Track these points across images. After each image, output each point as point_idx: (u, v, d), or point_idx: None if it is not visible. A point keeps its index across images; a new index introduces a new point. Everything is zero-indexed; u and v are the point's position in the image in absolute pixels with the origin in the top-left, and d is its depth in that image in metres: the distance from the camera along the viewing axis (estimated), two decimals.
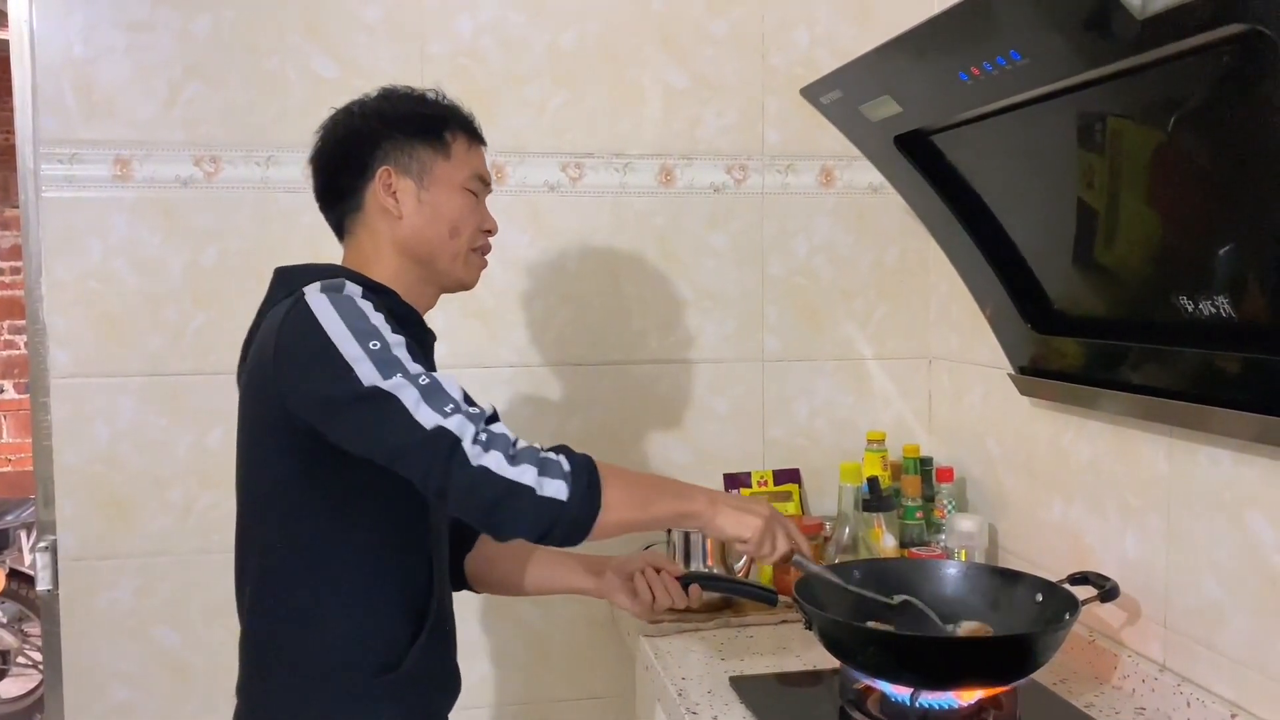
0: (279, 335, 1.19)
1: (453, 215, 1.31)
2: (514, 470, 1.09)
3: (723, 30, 2.01)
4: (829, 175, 2.06)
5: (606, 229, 2.00)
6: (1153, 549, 1.44)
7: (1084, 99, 1.20)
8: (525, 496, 1.09)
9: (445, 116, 1.34)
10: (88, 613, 1.85)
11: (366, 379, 1.11)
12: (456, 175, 1.32)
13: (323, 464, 1.20)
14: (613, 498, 1.15)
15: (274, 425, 1.21)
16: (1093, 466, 1.58)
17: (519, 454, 1.11)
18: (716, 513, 1.25)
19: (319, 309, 1.17)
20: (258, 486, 1.28)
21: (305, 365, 1.16)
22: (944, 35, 1.23)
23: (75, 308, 1.83)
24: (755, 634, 1.67)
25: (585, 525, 1.13)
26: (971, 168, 1.50)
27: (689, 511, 1.25)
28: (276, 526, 1.26)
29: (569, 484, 1.12)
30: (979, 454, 1.92)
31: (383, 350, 1.13)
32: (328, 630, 1.24)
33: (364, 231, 1.32)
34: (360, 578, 1.25)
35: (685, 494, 1.27)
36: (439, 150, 1.31)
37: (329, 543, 1.24)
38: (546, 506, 1.10)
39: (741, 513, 1.26)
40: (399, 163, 1.30)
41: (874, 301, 2.10)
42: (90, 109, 1.82)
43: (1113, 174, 1.26)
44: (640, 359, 2.03)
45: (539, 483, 1.10)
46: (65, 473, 1.84)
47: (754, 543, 1.26)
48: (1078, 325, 1.51)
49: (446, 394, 1.13)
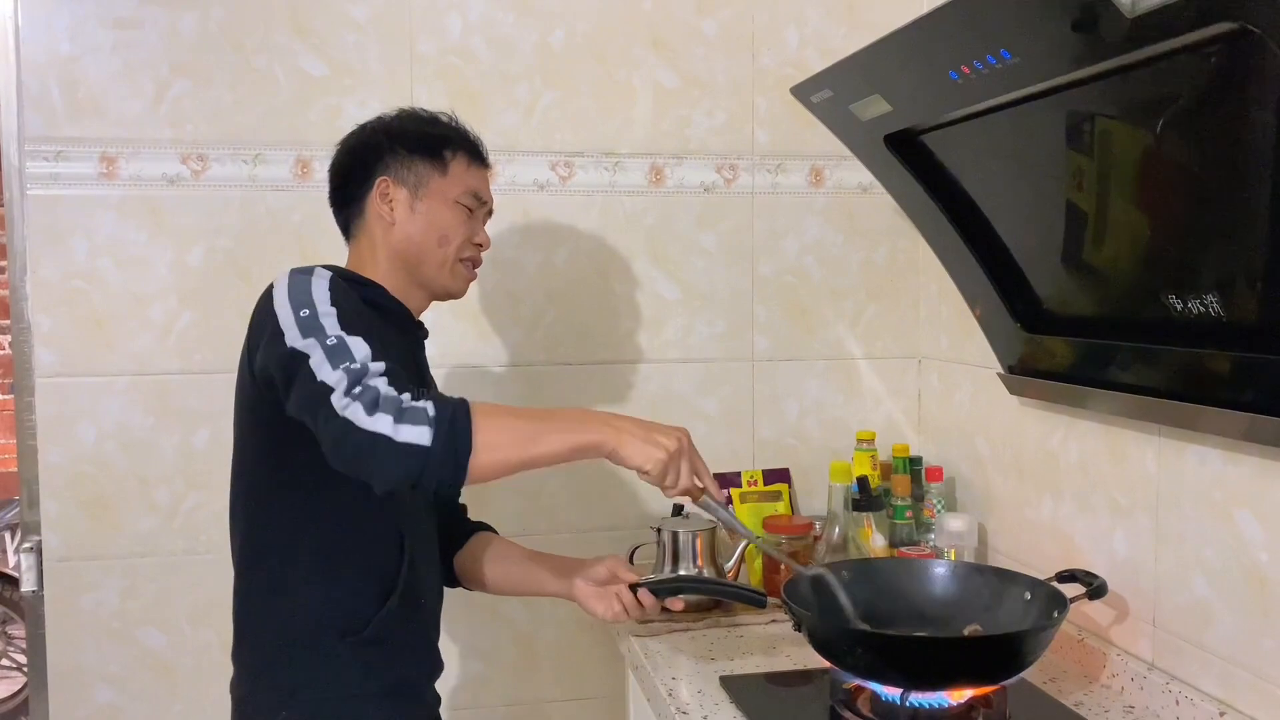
0: (253, 314, 1.30)
1: (442, 225, 1.41)
2: (370, 420, 1.10)
3: (713, 30, 2.01)
4: (819, 175, 2.06)
5: (596, 228, 2.00)
6: (1141, 548, 1.44)
7: (1074, 98, 1.20)
8: (384, 445, 1.09)
9: (448, 136, 1.44)
10: (73, 614, 1.84)
11: (290, 341, 1.19)
12: (451, 190, 1.42)
13: (285, 438, 1.27)
14: (489, 439, 1.13)
15: (246, 403, 1.34)
16: (1082, 466, 1.58)
17: (381, 403, 1.11)
18: (621, 442, 1.22)
19: (277, 286, 1.27)
20: (240, 460, 1.37)
21: (257, 337, 1.27)
22: (934, 34, 1.22)
23: (60, 306, 1.81)
24: (745, 634, 1.67)
25: (457, 468, 1.12)
26: (961, 167, 1.50)
27: (588, 443, 1.21)
28: (253, 501, 1.35)
29: (432, 428, 1.11)
30: (968, 453, 1.92)
31: (309, 318, 1.21)
32: (297, 597, 1.32)
33: (363, 235, 1.44)
34: (325, 548, 1.32)
35: (583, 424, 1.23)
36: (436, 166, 1.42)
37: (297, 515, 1.32)
38: (407, 452, 1.09)
39: (647, 444, 1.22)
40: (397, 174, 1.41)
41: (864, 301, 2.10)
42: (76, 106, 1.80)
43: (1102, 173, 1.27)
44: (629, 358, 2.03)
45: (395, 429, 1.10)
46: (50, 473, 1.82)
47: (655, 475, 1.23)
48: (1067, 324, 1.51)
49: (349, 353, 1.16)
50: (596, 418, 1.25)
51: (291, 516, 1.33)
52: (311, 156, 1.88)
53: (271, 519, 1.34)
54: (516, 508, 1.97)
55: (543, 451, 1.19)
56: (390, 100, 1.87)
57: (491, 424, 1.15)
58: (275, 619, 1.34)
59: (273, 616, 1.34)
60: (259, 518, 1.35)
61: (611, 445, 1.22)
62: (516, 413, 1.26)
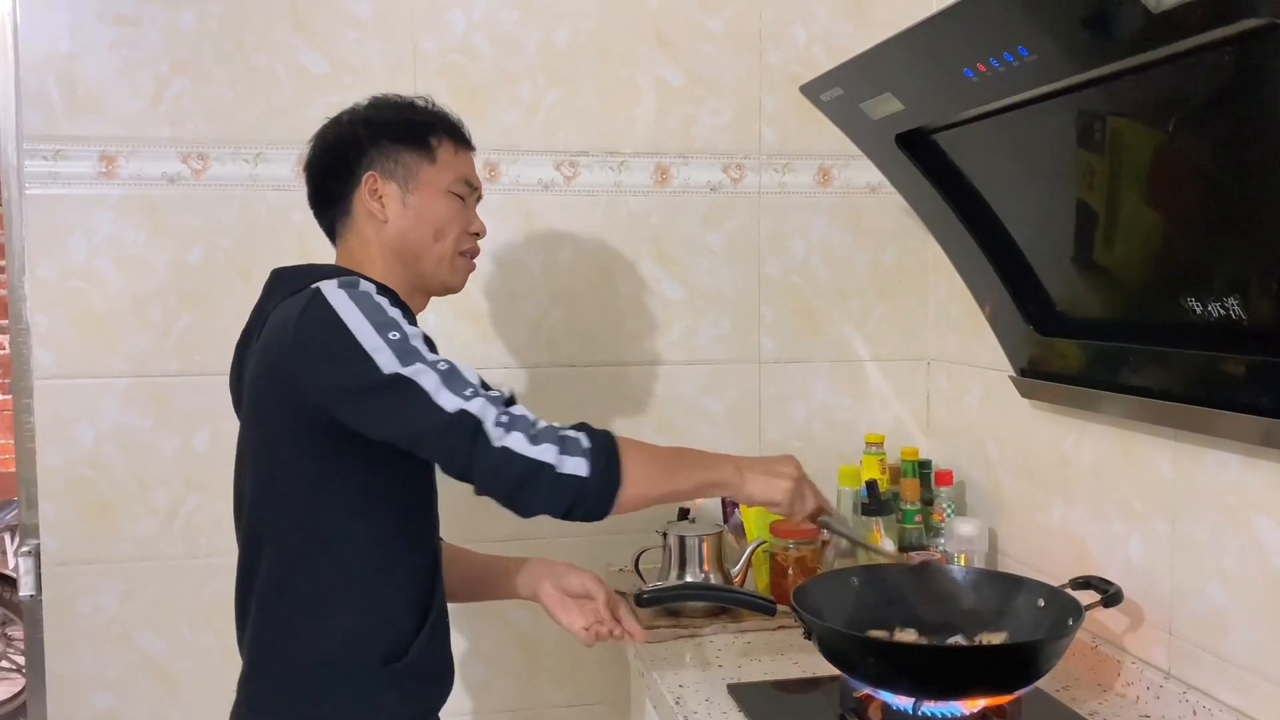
0: (296, 330, 1.20)
1: (437, 218, 1.34)
2: (535, 449, 1.14)
3: (719, 27, 1.99)
4: (826, 175, 2.04)
5: (601, 228, 1.98)
6: (1157, 554, 1.42)
7: (1091, 97, 1.18)
8: (546, 474, 1.14)
9: (431, 122, 1.36)
10: (71, 618, 1.82)
11: (386, 367, 1.15)
12: (441, 179, 1.35)
13: (340, 458, 1.22)
14: (633, 472, 1.19)
15: (291, 420, 1.23)
16: (1095, 470, 1.56)
17: (540, 433, 1.16)
18: (744, 480, 1.29)
19: (337, 302, 1.19)
20: (274, 482, 1.27)
21: (325, 356, 1.18)
22: (950, 31, 1.20)
23: (59, 307, 1.79)
24: (753, 640, 1.65)
25: (607, 500, 1.17)
26: (974, 167, 1.48)
27: (715, 481, 1.29)
28: (294, 520, 1.26)
29: (589, 460, 1.16)
30: (978, 457, 1.90)
31: (402, 340, 1.17)
32: (337, 620, 1.25)
33: (353, 236, 1.36)
34: (371, 570, 1.26)
35: (710, 464, 1.30)
36: (424, 155, 1.34)
37: (343, 536, 1.25)
38: (567, 483, 1.14)
39: (770, 476, 1.30)
40: (384, 168, 1.33)
41: (871, 302, 2.08)
42: (75, 105, 1.78)
43: (1120, 173, 1.24)
44: (634, 360, 2.01)
45: (560, 460, 1.14)
46: (48, 475, 1.80)
47: (784, 505, 1.30)
48: (1081, 327, 1.49)
49: (464, 379, 1.17)
50: (719, 458, 1.32)
51: (330, 536, 1.25)
52: None
53: (308, 539, 1.25)
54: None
55: (678, 488, 1.26)
56: None
57: (636, 458, 1.20)
58: (307, 645, 1.25)
59: (304, 642, 1.25)
60: (292, 538, 1.26)
61: (736, 483, 1.29)
62: (653, 448, 1.27)
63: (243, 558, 1.31)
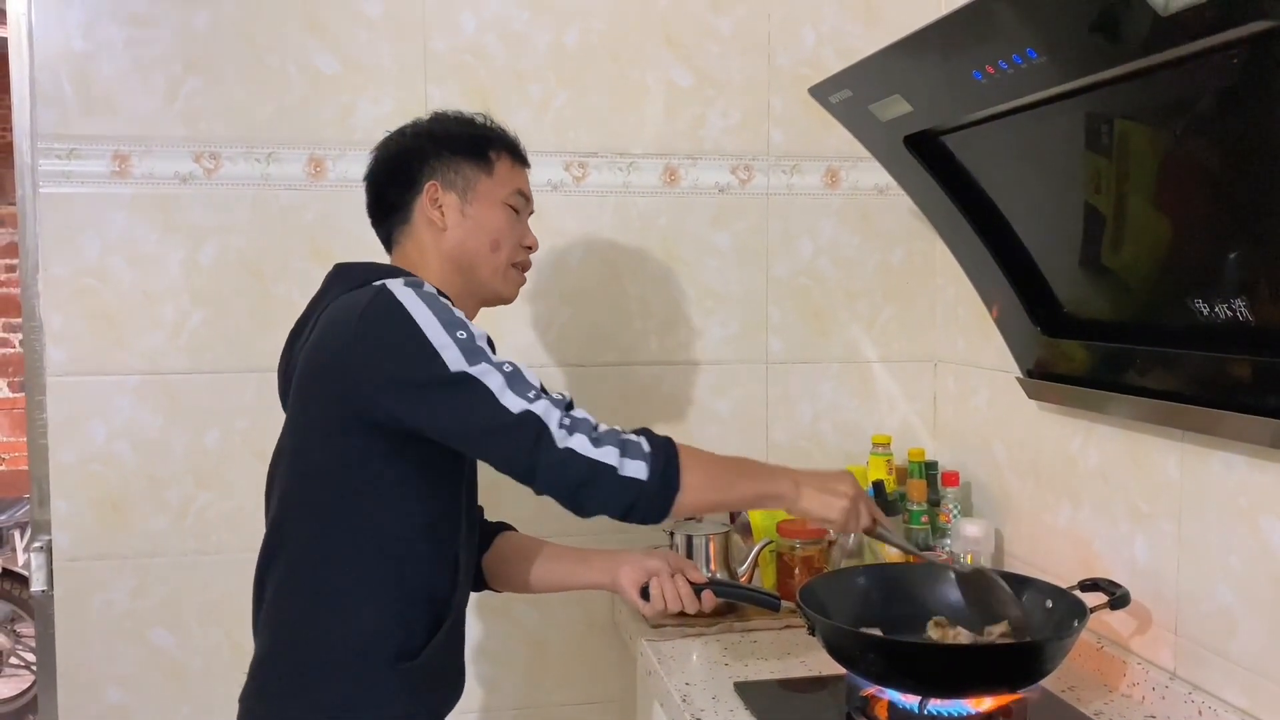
0: (361, 322, 1.22)
1: (494, 229, 1.38)
2: (598, 451, 1.18)
3: (728, 29, 1.99)
4: (834, 176, 2.04)
5: (610, 229, 1.98)
6: (1164, 555, 1.42)
7: (1100, 99, 1.18)
8: (608, 476, 1.17)
9: (490, 137, 1.41)
10: (82, 614, 1.83)
11: (454, 364, 1.17)
12: (499, 191, 1.39)
13: (375, 455, 1.24)
14: (692, 479, 1.22)
15: (336, 411, 1.25)
16: (1102, 471, 1.56)
17: (602, 436, 1.19)
18: (800, 494, 1.31)
19: (406, 299, 1.22)
20: (306, 473, 1.29)
21: (392, 350, 1.20)
22: (958, 33, 1.21)
23: (72, 305, 1.80)
24: (759, 638, 1.66)
25: (665, 504, 1.20)
26: (982, 169, 1.48)
27: (772, 493, 1.31)
28: (319, 512, 1.27)
29: (649, 464, 1.19)
30: (985, 458, 1.90)
31: (469, 340, 1.20)
32: (353, 615, 1.26)
33: (411, 243, 1.39)
34: (391, 568, 1.27)
35: (767, 476, 1.32)
36: (483, 167, 1.39)
37: (370, 530, 1.26)
38: (628, 486, 1.18)
39: (826, 494, 1.32)
40: (445, 178, 1.37)
41: (879, 303, 2.08)
42: (89, 104, 1.79)
43: (1128, 175, 1.25)
44: (642, 360, 2.01)
45: (621, 463, 1.18)
46: (61, 472, 1.81)
47: (839, 523, 1.32)
48: (1088, 328, 1.49)
49: (528, 381, 1.21)
50: (777, 470, 1.34)
51: (357, 529, 1.26)
52: (325, 155, 1.87)
53: (333, 529, 1.26)
54: (529, 509, 1.94)
55: (734, 497, 1.32)
56: (403, 98, 1.88)
57: (695, 465, 1.24)
58: (319, 638, 1.26)
59: (316, 635, 1.27)
60: (315, 529, 1.27)
61: (792, 497, 1.31)
62: (712, 457, 1.30)
63: (265, 543, 1.32)
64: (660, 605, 1.40)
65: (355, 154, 1.87)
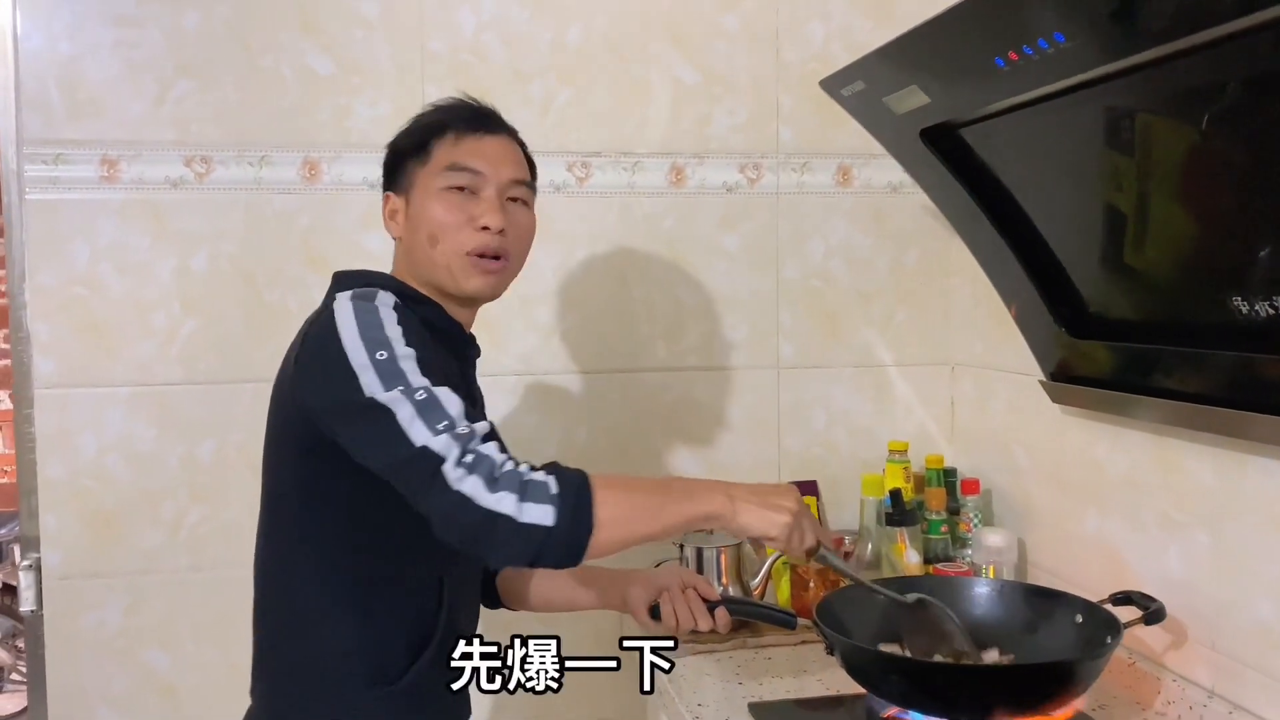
0: (304, 338, 1.19)
1: (428, 221, 1.25)
2: (492, 498, 1.03)
3: (734, 24, 1.94)
4: (846, 174, 1.99)
5: (614, 231, 1.93)
6: (1199, 566, 1.36)
7: (1130, 86, 1.12)
8: (505, 525, 1.03)
9: (432, 123, 1.28)
10: (74, 634, 1.78)
11: (367, 389, 1.09)
12: (434, 179, 1.25)
13: (335, 470, 1.16)
14: (609, 513, 1.08)
15: (291, 428, 1.21)
16: (1130, 478, 1.50)
17: (501, 477, 1.05)
18: (738, 510, 1.17)
19: (341, 315, 1.15)
20: (274, 487, 1.26)
21: (318, 370, 1.15)
22: (980, 18, 1.15)
23: (60, 314, 1.76)
24: (773, 655, 1.59)
25: (576, 548, 1.06)
26: (1002, 163, 1.43)
27: (705, 513, 1.16)
28: (288, 529, 1.24)
29: (555, 506, 1.05)
30: (1005, 464, 1.84)
31: (388, 361, 1.10)
32: (326, 638, 1.22)
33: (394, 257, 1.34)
34: (362, 588, 1.22)
35: (698, 495, 1.18)
36: (420, 160, 1.27)
37: (336, 550, 1.22)
38: (529, 534, 1.04)
39: (766, 509, 1.18)
40: (396, 184, 1.30)
41: (893, 305, 2.03)
42: (76, 107, 1.75)
43: (1159, 167, 1.19)
44: (649, 366, 1.96)
45: (519, 509, 1.03)
46: (50, 487, 1.76)
47: (780, 541, 1.19)
48: (1114, 328, 1.43)
49: (443, 410, 1.08)
50: (709, 487, 1.19)
51: (324, 544, 1.22)
52: (319, 158, 1.82)
53: (301, 544, 1.23)
54: None
55: (660, 527, 1.14)
56: (401, 100, 1.84)
57: (612, 499, 1.09)
58: (296, 655, 1.23)
59: (294, 652, 1.23)
60: (287, 543, 1.24)
61: (729, 514, 1.17)
62: (632, 485, 1.18)
63: (254, 560, 1.30)
64: (671, 624, 1.35)
65: (351, 157, 1.83)
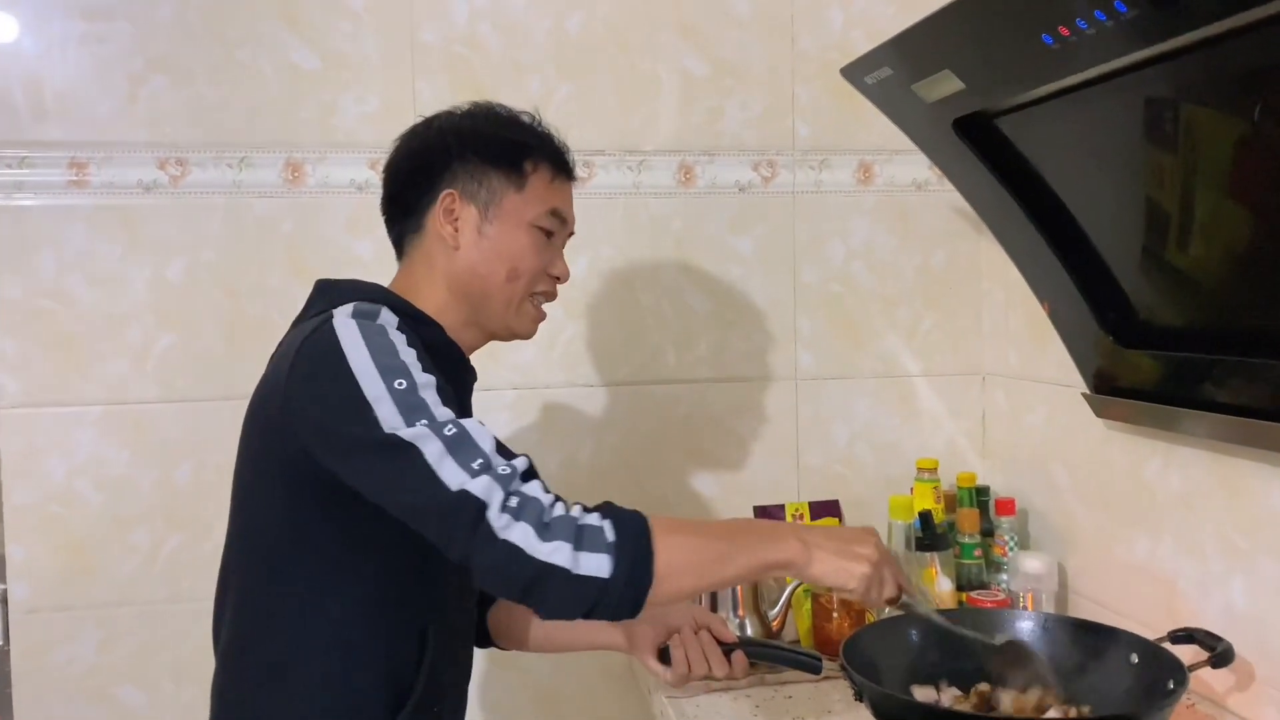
0: (297, 356, 1.07)
1: (514, 255, 1.20)
2: (546, 547, 0.95)
3: (747, 11, 1.83)
4: (867, 171, 1.88)
5: (619, 234, 1.83)
6: (1267, 599, 1.24)
7: (1190, 67, 1.00)
8: (558, 577, 0.95)
9: (529, 143, 1.22)
10: (43, 670, 1.67)
11: (387, 424, 0.99)
12: (527, 211, 1.20)
13: (319, 504, 1.07)
14: (672, 563, 0.99)
15: (275, 453, 1.10)
16: (1185, 500, 1.37)
17: (553, 523, 0.96)
18: (812, 559, 1.07)
19: (345, 336, 1.05)
20: (247, 520, 1.16)
21: (322, 396, 1.04)
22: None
23: (25, 328, 1.66)
24: (794, 694, 1.47)
25: (635, 601, 0.98)
26: (1043, 155, 1.31)
27: (776, 562, 1.07)
28: (260, 567, 1.14)
29: (612, 557, 0.97)
30: (1043, 483, 1.72)
31: (408, 392, 1.01)
32: (296, 688, 1.11)
33: (420, 256, 1.23)
34: (339, 636, 1.12)
35: (769, 542, 1.08)
36: (512, 180, 1.20)
37: (312, 593, 1.11)
38: (585, 586, 0.95)
39: (843, 558, 1.08)
40: (465, 187, 1.19)
41: (920, 311, 1.91)
42: (41, 107, 1.65)
43: (1230, 157, 1.06)
44: (657, 378, 1.86)
45: (574, 559, 0.95)
46: (16, 514, 1.66)
47: (860, 592, 1.09)
48: (1167, 337, 1.32)
49: (476, 446, 0.99)
50: (782, 533, 1.10)
51: (302, 595, 1.11)
52: (303, 159, 1.72)
53: (270, 606, 1.13)
54: None
55: (727, 576, 1.07)
56: (390, 95, 1.74)
57: (674, 546, 1.00)
58: (269, 710, 1.12)
59: (267, 707, 1.12)
60: (254, 601, 1.13)
61: (801, 564, 1.07)
62: (697, 529, 1.10)
63: (214, 607, 1.19)
64: (683, 670, 1.23)
65: (337, 157, 1.72)
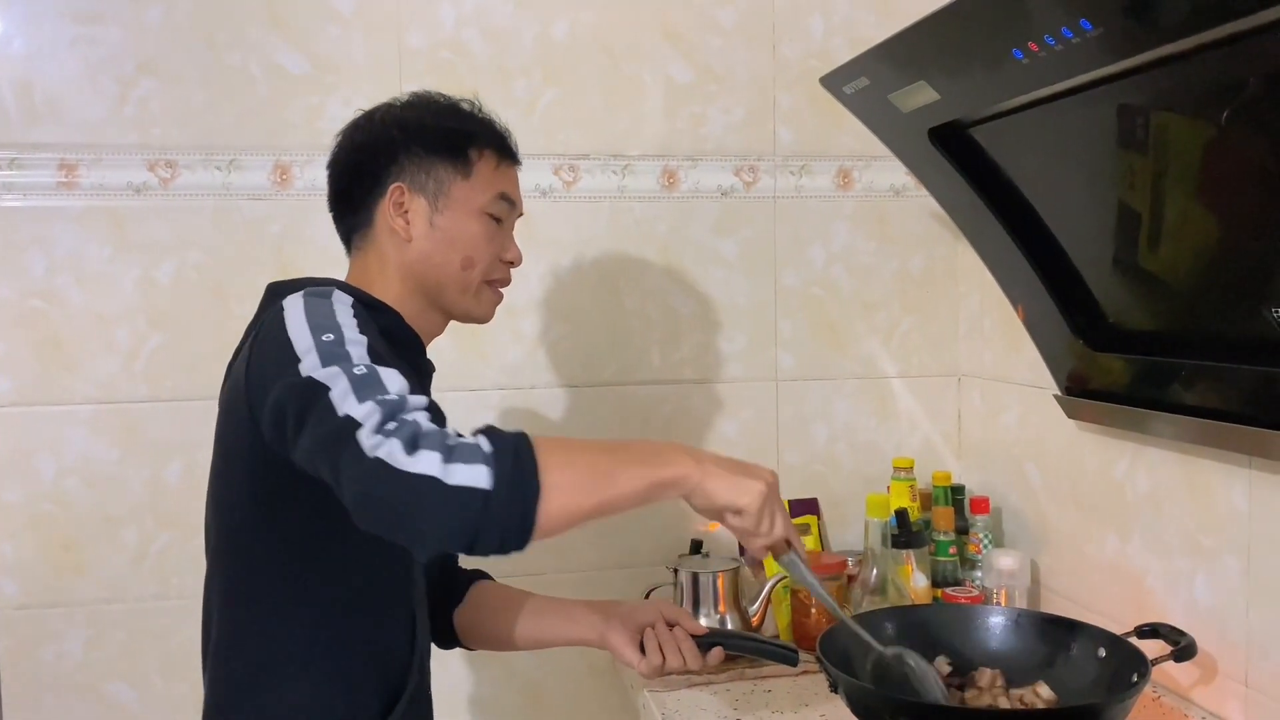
0: (252, 347, 1.07)
1: (467, 243, 1.20)
2: (409, 459, 0.85)
3: (730, 19, 1.85)
4: (847, 177, 1.90)
5: (604, 237, 1.84)
6: (1230, 596, 1.27)
7: (1159, 80, 1.03)
8: (430, 491, 0.84)
9: (473, 131, 1.22)
10: (32, 667, 1.68)
11: (305, 370, 0.95)
12: (476, 198, 1.20)
13: (292, 498, 1.05)
14: (558, 477, 0.89)
15: (242, 451, 1.08)
16: (1153, 499, 1.41)
17: (422, 439, 0.87)
18: (705, 474, 1.01)
19: (290, 311, 1.04)
20: (224, 522, 1.13)
21: (265, 370, 1.02)
22: (998, 6, 1.05)
23: (16, 329, 1.66)
24: (773, 688, 1.50)
25: (524, 517, 0.87)
26: (1016, 164, 1.34)
27: (670, 479, 0.99)
28: (240, 569, 1.12)
29: (490, 466, 0.87)
30: (1017, 482, 1.75)
31: (334, 344, 0.98)
32: (287, 694, 1.09)
33: (371, 250, 1.22)
34: (327, 635, 1.10)
35: (661, 457, 1.00)
36: (459, 168, 1.20)
37: (294, 593, 1.09)
38: (462, 499, 0.85)
39: (738, 475, 1.03)
40: (413, 179, 1.19)
41: (898, 314, 1.94)
42: (31, 110, 1.65)
43: (1189, 168, 1.09)
44: (641, 379, 1.87)
45: (445, 470, 0.85)
46: (6, 512, 1.67)
47: (752, 514, 1.03)
48: (1136, 340, 1.35)
49: (381, 385, 0.93)
50: (674, 449, 1.02)
51: (282, 593, 1.09)
52: (291, 161, 1.73)
53: (256, 595, 1.10)
54: None
55: (620, 492, 0.96)
56: (377, 99, 1.68)
57: (559, 459, 0.91)
58: (253, 711, 1.09)
59: (257, 715, 1.09)
60: (239, 593, 1.11)
61: (695, 480, 1.00)
62: (584, 446, 1.00)
63: (203, 605, 1.17)
64: (657, 660, 1.24)
65: (324, 160, 1.72)
